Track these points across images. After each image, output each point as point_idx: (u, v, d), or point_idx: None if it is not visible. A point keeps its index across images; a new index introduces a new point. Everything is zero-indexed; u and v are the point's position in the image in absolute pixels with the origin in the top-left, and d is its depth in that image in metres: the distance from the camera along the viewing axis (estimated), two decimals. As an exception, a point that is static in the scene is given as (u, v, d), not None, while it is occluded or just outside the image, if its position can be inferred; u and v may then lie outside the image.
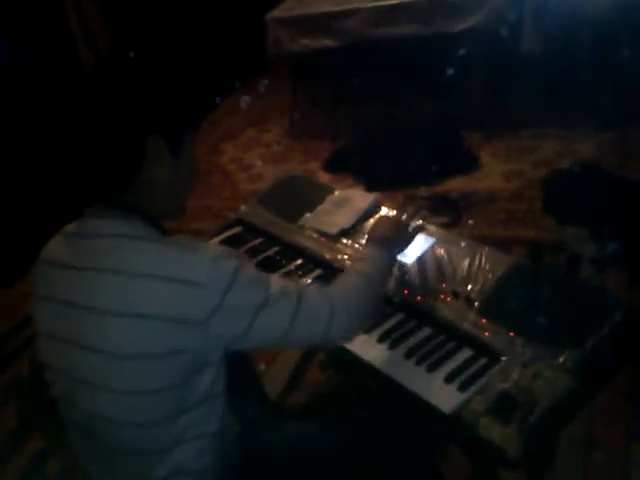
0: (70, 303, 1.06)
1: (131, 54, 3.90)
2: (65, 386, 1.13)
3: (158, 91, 1.11)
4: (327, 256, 1.66)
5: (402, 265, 1.54)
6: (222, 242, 1.85)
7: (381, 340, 1.37)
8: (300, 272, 1.64)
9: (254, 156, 4.08)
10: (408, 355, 1.32)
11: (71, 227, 1.14)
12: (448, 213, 2.96)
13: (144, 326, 0.98)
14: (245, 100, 4.48)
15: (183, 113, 1.15)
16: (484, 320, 1.33)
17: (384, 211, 1.75)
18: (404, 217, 1.46)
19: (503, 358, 1.24)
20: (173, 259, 1.01)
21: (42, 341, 1.14)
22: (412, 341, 1.36)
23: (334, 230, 1.71)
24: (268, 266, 1.69)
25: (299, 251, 1.72)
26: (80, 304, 1.04)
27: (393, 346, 1.35)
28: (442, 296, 1.42)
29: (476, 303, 1.38)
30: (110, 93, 1.07)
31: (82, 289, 1.04)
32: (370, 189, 3.08)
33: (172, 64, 1.26)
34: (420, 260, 1.54)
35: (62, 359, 1.11)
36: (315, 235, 1.74)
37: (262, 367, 2.24)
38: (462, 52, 3.31)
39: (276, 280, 1.13)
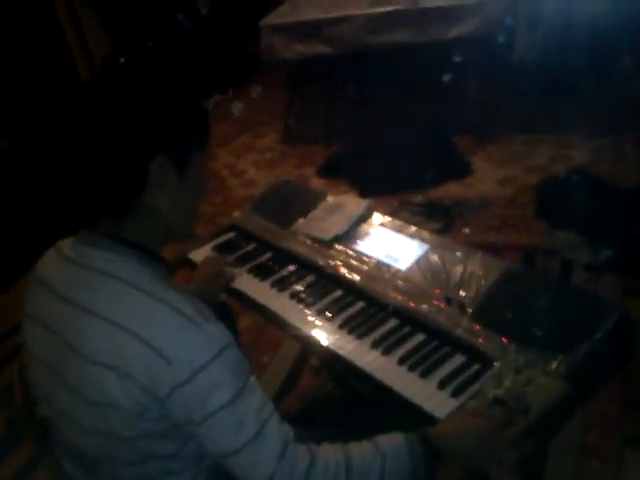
0: (55, 332, 1.03)
1: (122, 60, 3.90)
2: (45, 409, 1.11)
3: (162, 104, 1.02)
4: (320, 262, 1.65)
5: (396, 271, 1.54)
6: (216, 247, 1.85)
7: (375, 346, 1.37)
8: (293, 278, 1.64)
9: (247, 162, 4.09)
10: (401, 361, 1.31)
11: (67, 247, 1.08)
12: (441, 219, 2.97)
13: (119, 380, 0.94)
14: (237, 106, 4.49)
15: (191, 127, 1.06)
16: (477, 326, 1.33)
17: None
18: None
19: (496, 364, 1.24)
20: (157, 323, 0.95)
21: (27, 358, 1.12)
22: (405, 347, 1.35)
23: (327, 236, 1.71)
24: (261, 272, 1.69)
25: (292, 257, 1.71)
26: (64, 338, 1.01)
27: (387, 352, 1.34)
28: (435, 302, 1.42)
29: (469, 309, 1.37)
30: (111, 107, 0.99)
31: (68, 324, 1.01)
32: (364, 195, 3.09)
33: (173, 74, 1.17)
34: (414, 266, 1.54)
35: (43, 382, 1.09)
36: (308, 241, 1.74)
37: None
38: (456, 59, 3.32)
39: (257, 400, 0.99)
